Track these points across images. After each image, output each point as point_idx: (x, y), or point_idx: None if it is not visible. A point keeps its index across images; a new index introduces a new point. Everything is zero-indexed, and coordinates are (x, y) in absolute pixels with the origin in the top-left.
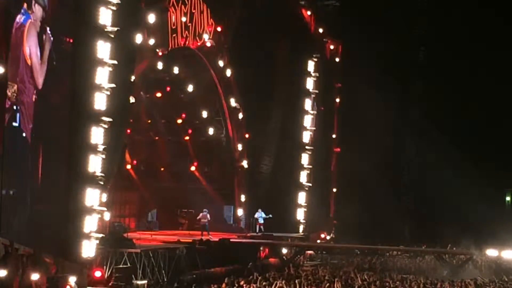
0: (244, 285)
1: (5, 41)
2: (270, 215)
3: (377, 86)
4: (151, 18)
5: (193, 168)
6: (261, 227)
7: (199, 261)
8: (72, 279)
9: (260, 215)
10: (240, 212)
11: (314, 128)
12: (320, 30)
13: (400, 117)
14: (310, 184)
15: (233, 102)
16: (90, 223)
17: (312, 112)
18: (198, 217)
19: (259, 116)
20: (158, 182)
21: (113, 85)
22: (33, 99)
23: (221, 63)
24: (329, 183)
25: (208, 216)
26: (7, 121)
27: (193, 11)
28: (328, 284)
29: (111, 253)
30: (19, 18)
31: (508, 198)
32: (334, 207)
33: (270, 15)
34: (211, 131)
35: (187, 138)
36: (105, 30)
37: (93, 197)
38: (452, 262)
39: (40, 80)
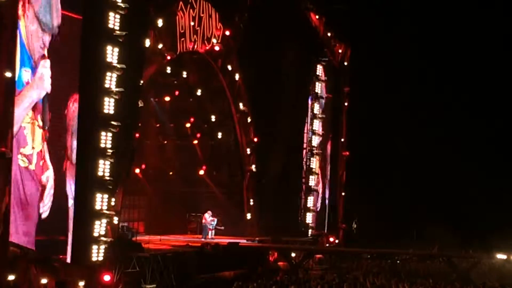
0: None
1: (14, 45)
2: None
3: (386, 89)
4: (160, 22)
5: (201, 172)
6: (212, 232)
7: (208, 265)
8: (81, 284)
9: (211, 219)
10: (249, 216)
11: (323, 132)
12: (329, 34)
13: (410, 119)
14: (319, 188)
15: (241, 106)
16: (98, 227)
17: (321, 116)
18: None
19: (267, 120)
20: (166, 186)
21: (121, 89)
22: None
23: (229, 67)
24: (338, 187)
25: (206, 218)
26: None
27: (202, 15)
28: None
29: (120, 257)
30: None
31: None
32: (342, 210)
33: (278, 19)
34: (219, 135)
35: (195, 142)
36: (114, 34)
37: (102, 201)
38: (461, 265)
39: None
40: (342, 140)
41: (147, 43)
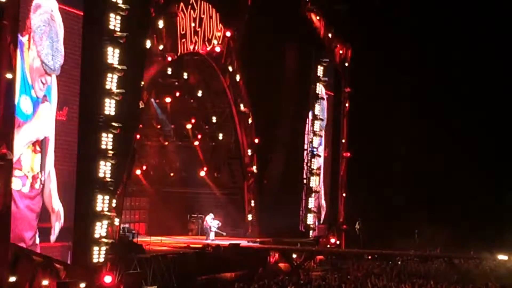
0: None
1: (14, 46)
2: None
3: (387, 90)
4: (160, 23)
5: (202, 173)
6: (213, 233)
7: (209, 266)
8: (82, 285)
9: (211, 220)
10: (250, 217)
11: (324, 133)
12: (330, 35)
13: (411, 119)
14: (320, 189)
15: (242, 107)
16: (99, 229)
17: (322, 116)
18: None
19: (268, 121)
20: (167, 187)
21: (122, 91)
22: None
23: (230, 68)
24: (339, 188)
25: (208, 220)
26: None
27: (202, 16)
28: None
29: (121, 259)
30: None
31: None
32: (344, 212)
33: (279, 20)
34: (220, 136)
35: (196, 143)
36: (115, 35)
37: (102, 202)
38: (463, 266)
39: None
40: (343, 141)
41: (148, 44)
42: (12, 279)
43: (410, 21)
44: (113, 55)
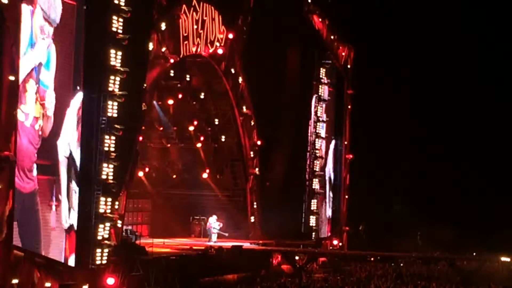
0: None
1: (17, 49)
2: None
3: (389, 92)
4: (163, 25)
5: (205, 175)
6: (215, 235)
7: (212, 268)
8: (85, 287)
9: (214, 221)
10: (252, 219)
11: (326, 135)
12: (332, 37)
13: (412, 120)
14: (323, 191)
15: (244, 109)
16: (102, 231)
17: (324, 119)
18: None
19: (271, 123)
20: (170, 189)
21: (125, 93)
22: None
23: (232, 70)
24: (342, 190)
25: (211, 222)
26: None
27: (205, 18)
28: None
29: (124, 261)
30: None
31: None
32: (346, 213)
33: (281, 22)
34: (223, 138)
35: (199, 145)
36: (117, 37)
37: (105, 204)
38: (465, 268)
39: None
40: (346, 143)
41: (151, 46)
42: (15, 281)
43: (411, 22)
44: (115, 57)
